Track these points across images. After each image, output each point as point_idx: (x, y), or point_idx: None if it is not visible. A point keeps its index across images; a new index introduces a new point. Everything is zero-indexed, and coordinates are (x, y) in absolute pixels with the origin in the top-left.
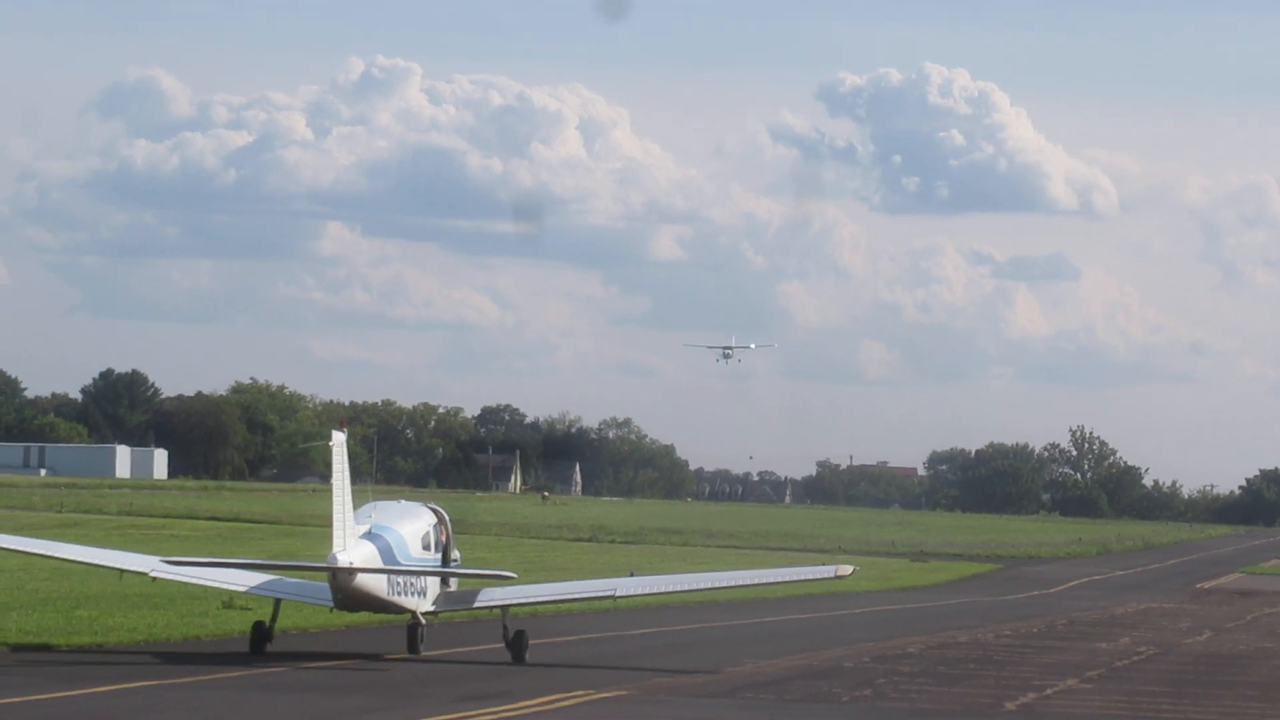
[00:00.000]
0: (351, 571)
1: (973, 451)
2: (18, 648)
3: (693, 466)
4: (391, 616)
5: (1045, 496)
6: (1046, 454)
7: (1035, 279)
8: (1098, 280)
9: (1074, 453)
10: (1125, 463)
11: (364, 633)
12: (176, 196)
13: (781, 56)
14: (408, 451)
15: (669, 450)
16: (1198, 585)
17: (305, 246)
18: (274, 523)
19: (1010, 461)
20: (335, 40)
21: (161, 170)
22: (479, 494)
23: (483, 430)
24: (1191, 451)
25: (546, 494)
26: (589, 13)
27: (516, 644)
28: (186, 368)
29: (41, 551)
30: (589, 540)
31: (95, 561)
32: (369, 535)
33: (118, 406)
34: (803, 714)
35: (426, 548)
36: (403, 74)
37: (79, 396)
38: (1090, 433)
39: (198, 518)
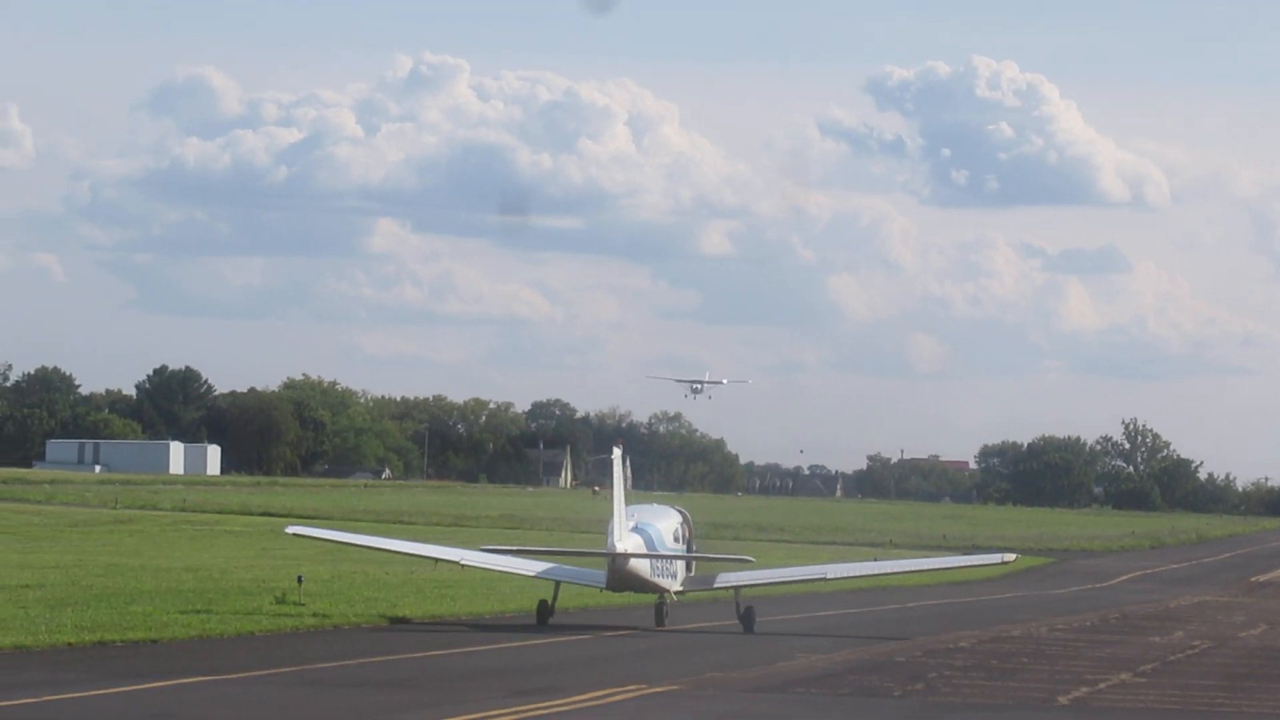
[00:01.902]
0: (626, 556)
1: (1024, 445)
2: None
3: (743, 460)
4: (640, 597)
5: (1098, 490)
6: (1099, 447)
7: (1086, 272)
8: (1149, 272)
9: (1126, 446)
10: (1178, 455)
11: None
12: (228, 194)
13: (829, 50)
14: (459, 446)
15: (719, 444)
16: (1252, 579)
17: (356, 243)
18: (326, 518)
19: (1062, 455)
20: (383, 38)
21: (213, 168)
22: (530, 489)
23: (533, 425)
24: (1245, 444)
25: (597, 489)
26: (634, 8)
27: (746, 618)
28: (239, 364)
29: (360, 543)
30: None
31: (414, 552)
32: (636, 529)
33: (171, 403)
34: (854, 708)
35: (676, 540)
36: (451, 71)
37: (133, 393)
38: (1143, 425)
39: (251, 513)
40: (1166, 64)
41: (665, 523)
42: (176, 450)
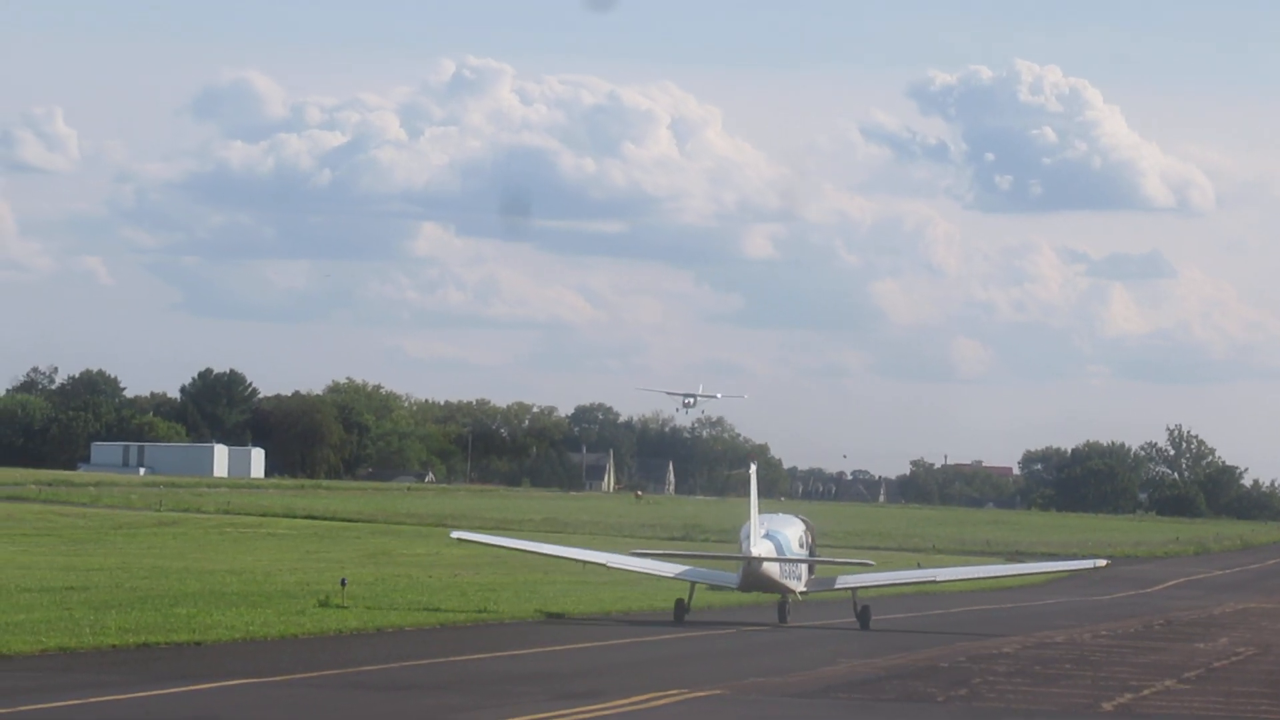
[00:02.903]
0: (760, 560)
1: (1068, 450)
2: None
3: (786, 465)
4: (769, 595)
5: (1142, 496)
6: (1143, 453)
7: (1131, 277)
8: (1194, 277)
9: (1171, 451)
10: (1223, 461)
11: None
12: (272, 197)
13: (872, 55)
14: (502, 450)
15: (762, 449)
16: None
17: (399, 246)
18: (370, 521)
19: (1106, 460)
20: (426, 41)
21: (257, 171)
22: (573, 493)
23: (576, 429)
24: None
25: (640, 493)
26: (677, 12)
27: (863, 616)
28: (283, 367)
29: (520, 548)
30: (682, 539)
31: (567, 556)
32: (767, 535)
33: (216, 406)
34: (897, 714)
35: (801, 546)
36: (494, 74)
37: (178, 396)
38: (1188, 431)
39: (294, 516)
40: (1211, 68)
41: (792, 530)
42: (221, 453)
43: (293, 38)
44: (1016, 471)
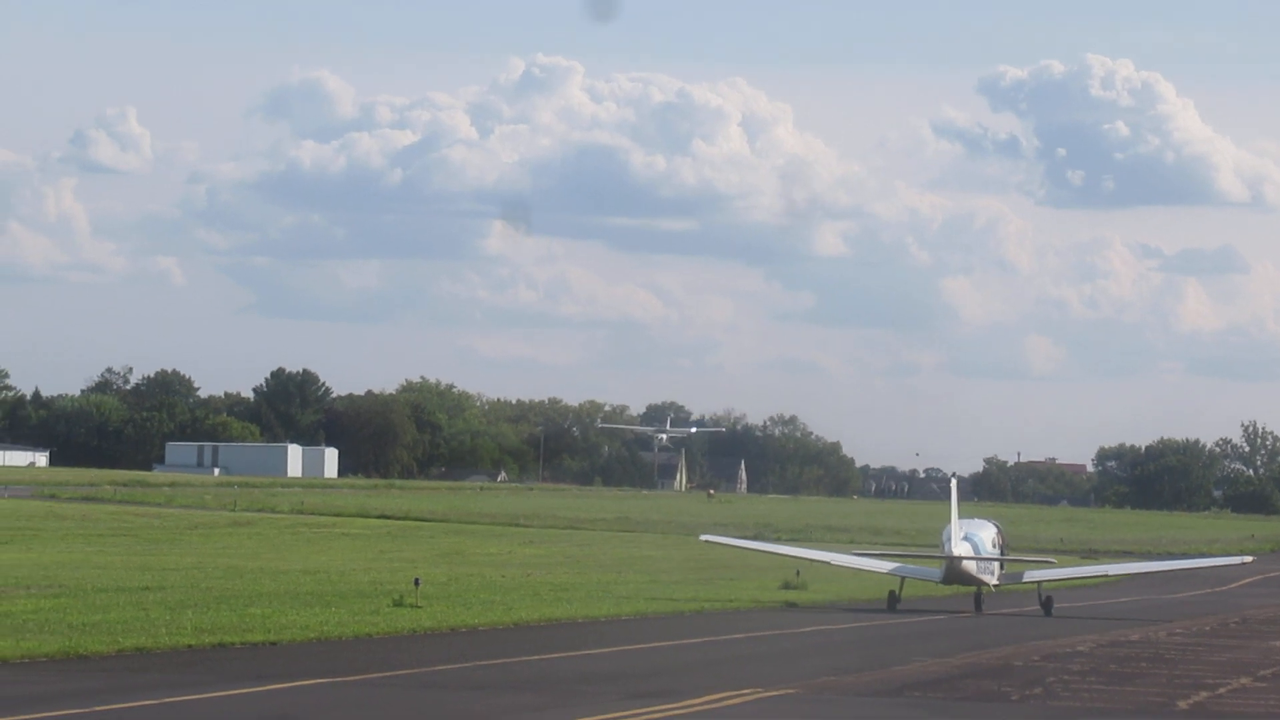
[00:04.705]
0: (960, 559)
1: (1142, 447)
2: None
3: (859, 464)
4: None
5: (1217, 493)
6: (1218, 450)
7: (1204, 272)
8: (1268, 272)
9: (1246, 448)
10: None
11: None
12: (343, 197)
13: (942, 50)
14: (574, 449)
15: (835, 447)
16: None
17: (470, 245)
18: (443, 520)
19: (1180, 457)
20: (496, 40)
21: (328, 171)
22: (645, 491)
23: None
24: None
25: (712, 491)
26: (746, 9)
27: (1047, 605)
28: (356, 367)
29: (764, 549)
30: (754, 538)
31: (804, 556)
32: (965, 538)
33: (289, 406)
34: (971, 713)
35: (994, 546)
36: (563, 73)
37: (251, 396)
38: (1262, 428)
39: (368, 516)
40: None
41: (986, 533)
42: (294, 453)
43: (363, 37)
44: (1090, 469)
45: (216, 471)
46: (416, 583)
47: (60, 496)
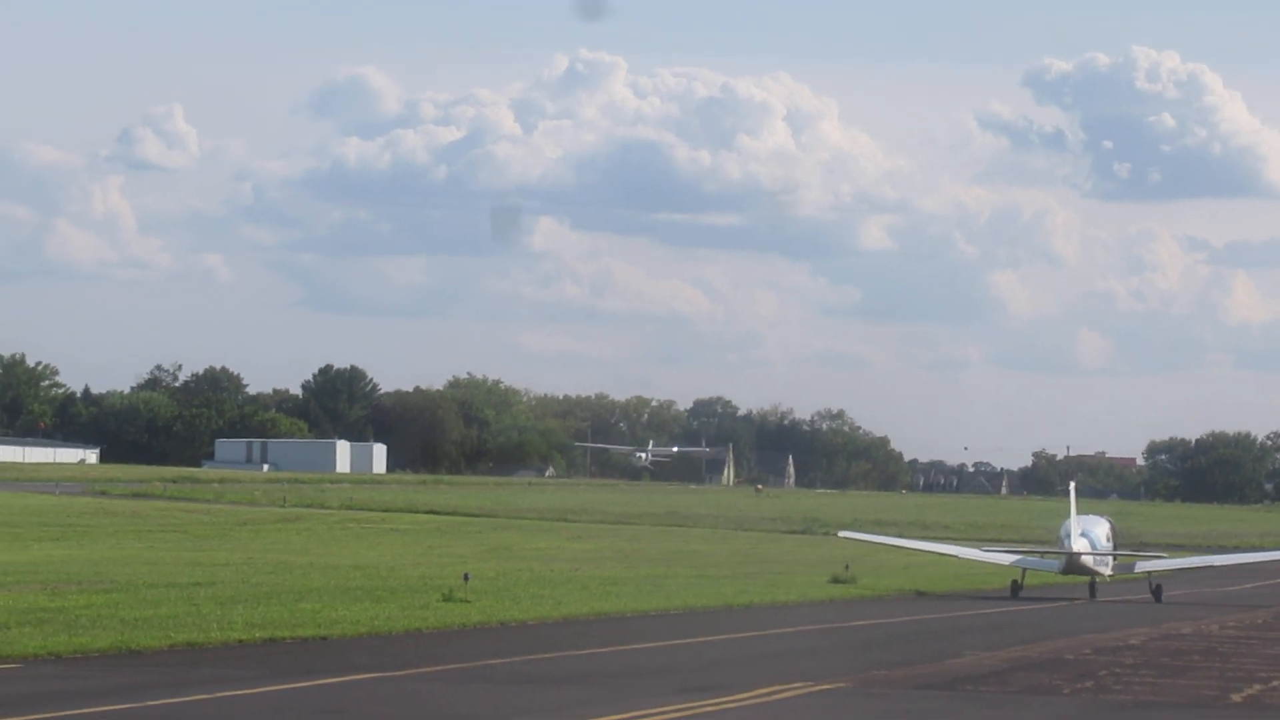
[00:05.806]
0: (1079, 554)
1: (1192, 441)
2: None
3: (907, 458)
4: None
5: (1269, 486)
6: (1269, 443)
7: (1253, 264)
8: None
9: None
10: None
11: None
12: (389, 193)
13: (987, 44)
14: (621, 444)
15: (883, 442)
16: None
17: (516, 241)
18: (491, 515)
19: (1232, 451)
20: (539, 36)
21: (374, 167)
22: (693, 486)
23: (695, 423)
24: None
25: (760, 486)
26: (789, 3)
27: (1157, 593)
28: (403, 363)
29: (898, 544)
30: (802, 533)
31: (937, 551)
32: (1083, 533)
33: (337, 402)
34: (1023, 706)
35: (1108, 540)
36: (607, 68)
37: (299, 392)
38: None
39: (417, 511)
40: None
41: (1100, 529)
42: (343, 449)
43: (407, 35)
44: (1140, 462)
45: (265, 468)
46: (465, 577)
47: (111, 493)
